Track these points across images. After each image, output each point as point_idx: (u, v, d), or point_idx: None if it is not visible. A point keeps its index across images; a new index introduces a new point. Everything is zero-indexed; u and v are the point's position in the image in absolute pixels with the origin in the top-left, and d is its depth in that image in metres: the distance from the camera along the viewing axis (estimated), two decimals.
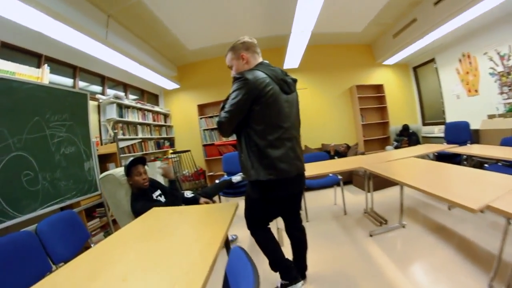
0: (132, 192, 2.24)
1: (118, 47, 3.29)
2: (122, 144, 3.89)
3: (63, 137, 2.52)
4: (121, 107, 3.96)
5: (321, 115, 6.03)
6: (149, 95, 5.67)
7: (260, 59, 1.61)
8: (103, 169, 3.19)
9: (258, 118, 1.44)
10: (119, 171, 2.33)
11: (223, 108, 1.51)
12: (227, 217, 1.47)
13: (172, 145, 5.88)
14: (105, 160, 3.34)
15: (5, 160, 1.98)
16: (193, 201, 2.51)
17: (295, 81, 1.66)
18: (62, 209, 2.39)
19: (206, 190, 2.83)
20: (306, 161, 1.73)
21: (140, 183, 2.21)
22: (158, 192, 2.36)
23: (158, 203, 2.13)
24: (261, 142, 1.44)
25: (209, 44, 4.98)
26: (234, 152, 3.99)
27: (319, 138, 5.86)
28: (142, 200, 2.13)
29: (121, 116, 3.93)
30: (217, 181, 3.25)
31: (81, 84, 3.69)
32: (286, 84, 1.54)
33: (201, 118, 5.60)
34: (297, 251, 1.87)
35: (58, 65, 3.20)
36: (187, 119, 5.94)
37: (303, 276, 1.90)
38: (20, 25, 2.34)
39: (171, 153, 5.16)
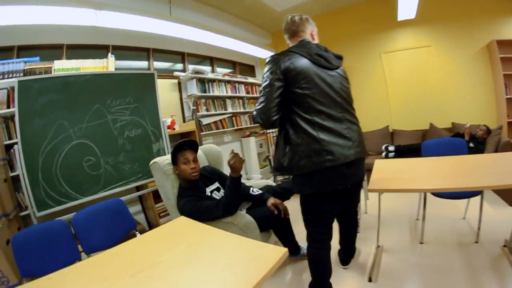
0: (179, 185, 1.83)
1: (186, 20, 3.00)
2: (207, 120, 3.81)
3: (127, 121, 2.56)
4: (203, 82, 3.82)
5: (449, 83, 4.25)
6: (243, 67, 5.35)
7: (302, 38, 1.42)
8: None
9: (296, 99, 1.27)
10: (165, 158, 2.03)
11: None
12: (266, 264, 0.83)
13: None
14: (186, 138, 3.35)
15: (66, 149, 2.18)
16: (259, 200, 1.84)
17: (338, 57, 1.44)
18: (128, 191, 2.52)
19: (284, 187, 2.11)
20: (434, 150, 1.65)
21: (187, 174, 1.72)
22: (215, 185, 1.89)
23: (208, 203, 1.64)
24: (304, 126, 1.24)
25: (299, 1, 4.05)
26: None
27: (449, 114, 4.22)
28: (187, 196, 1.69)
29: (204, 91, 3.80)
30: None
31: (163, 64, 3.75)
32: (324, 59, 1.33)
33: None
34: (347, 237, 1.82)
35: (129, 51, 3.29)
36: None
37: (346, 262, 1.87)
38: (89, 27, 2.36)
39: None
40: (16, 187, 2.07)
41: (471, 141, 3.24)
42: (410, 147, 3.76)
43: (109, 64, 2.66)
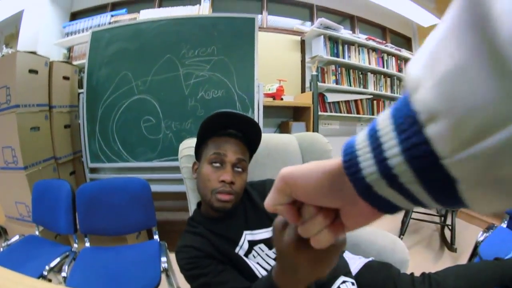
0: (196, 206, 0.88)
1: None
2: (336, 97, 2.71)
3: (205, 77, 1.90)
4: (336, 42, 2.71)
5: None
6: (396, 37, 3.63)
7: None
8: (284, 129, 2.38)
9: None
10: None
11: None
12: None
13: None
14: (297, 116, 2.47)
15: (126, 103, 1.85)
16: None
17: None
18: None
19: None
20: None
21: (208, 191, 0.73)
22: (265, 231, 0.78)
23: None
24: None
25: None
26: None
27: None
28: (188, 258, 0.70)
29: (335, 54, 2.69)
30: None
31: (284, 21, 2.93)
32: None
33: None
34: None
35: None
36: None
37: None
38: None
39: None
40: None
41: None
42: None
43: (202, 11, 2.15)
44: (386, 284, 0.81)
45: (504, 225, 1.61)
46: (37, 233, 1.47)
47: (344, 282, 0.73)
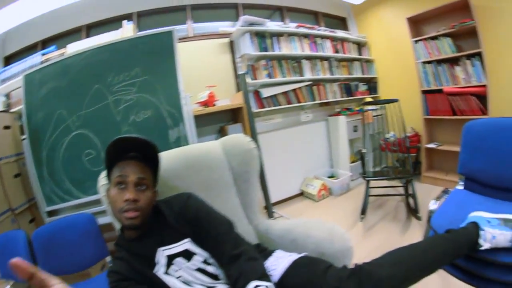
0: (115, 242, 0.94)
1: None
2: (271, 91, 2.81)
3: (133, 100, 2.00)
4: (263, 37, 2.77)
5: None
6: (330, 20, 3.75)
7: None
8: (224, 134, 2.43)
9: None
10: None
11: None
12: None
13: (373, 90, 3.74)
14: (236, 118, 2.54)
15: (66, 141, 1.94)
16: None
17: None
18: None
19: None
20: None
21: (116, 211, 0.82)
22: (183, 243, 0.85)
23: None
24: None
25: None
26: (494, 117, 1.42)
27: None
28: (114, 267, 0.85)
29: (264, 49, 2.76)
30: None
31: (210, 26, 2.94)
32: None
33: (416, 42, 2.91)
34: None
35: (160, 15, 2.71)
36: (393, 47, 3.43)
37: None
38: None
39: (363, 104, 3.03)
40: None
41: None
42: None
43: (126, 34, 2.21)
44: (311, 281, 0.78)
45: (460, 187, 1.49)
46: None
47: (257, 286, 0.70)
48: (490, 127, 1.40)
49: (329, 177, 3.30)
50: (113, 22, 2.50)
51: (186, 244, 0.84)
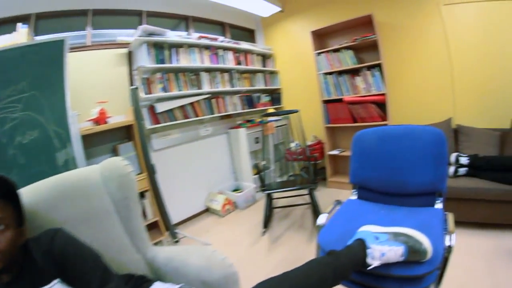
0: None
1: None
2: (167, 106, 2.78)
3: (18, 119, 1.77)
4: (161, 48, 2.76)
5: None
6: (238, 32, 3.92)
7: None
8: (117, 154, 2.33)
9: None
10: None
11: None
12: None
13: (277, 101, 4.08)
14: (130, 135, 2.43)
15: None
16: None
17: None
18: None
19: None
20: None
21: None
22: (55, 286, 0.81)
23: None
24: None
25: None
26: (382, 125, 1.64)
27: None
28: None
29: (161, 61, 2.73)
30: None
31: (113, 33, 2.75)
32: None
33: (318, 54, 3.26)
34: None
35: (61, 18, 2.44)
36: (297, 59, 3.79)
37: None
38: None
39: (263, 116, 2.96)
40: None
41: None
42: (499, 161, 2.05)
43: (20, 40, 1.92)
44: None
45: (353, 196, 1.50)
46: None
47: None
48: (377, 135, 1.45)
49: (235, 190, 3.36)
50: (6, 24, 2.12)
51: (55, 286, 0.80)
